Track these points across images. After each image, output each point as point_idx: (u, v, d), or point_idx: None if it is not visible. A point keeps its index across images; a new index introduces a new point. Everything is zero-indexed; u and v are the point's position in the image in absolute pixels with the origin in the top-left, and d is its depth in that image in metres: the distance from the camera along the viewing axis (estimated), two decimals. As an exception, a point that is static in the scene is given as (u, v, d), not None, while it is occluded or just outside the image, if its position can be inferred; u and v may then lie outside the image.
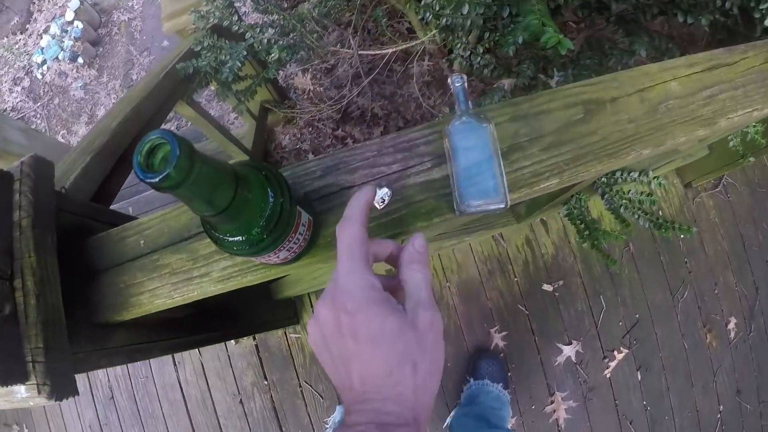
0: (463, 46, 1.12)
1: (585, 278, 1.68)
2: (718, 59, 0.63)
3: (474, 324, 1.68)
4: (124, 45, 3.31)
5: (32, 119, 3.22)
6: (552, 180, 0.49)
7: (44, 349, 0.50)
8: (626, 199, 1.17)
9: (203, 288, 0.52)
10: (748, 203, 1.80)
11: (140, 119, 1.07)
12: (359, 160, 0.52)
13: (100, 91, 3.19)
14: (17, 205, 0.56)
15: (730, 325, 1.72)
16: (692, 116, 0.57)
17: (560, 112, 0.51)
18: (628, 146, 0.51)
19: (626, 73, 0.56)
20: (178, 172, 0.30)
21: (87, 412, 1.83)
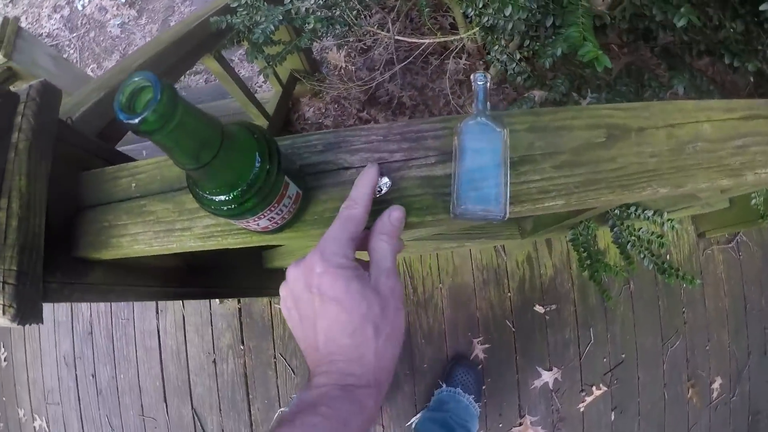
0: (501, 49, 1.09)
1: (579, 307, 1.65)
2: (757, 109, 0.60)
3: (458, 331, 1.66)
4: None
5: (65, 48, 3.22)
6: (558, 200, 0.47)
7: (17, 273, 0.49)
8: (635, 236, 1.15)
9: (183, 242, 0.51)
10: (758, 266, 1.75)
11: (163, 64, 1.06)
12: (363, 142, 0.50)
13: (136, 33, 3.17)
14: (18, 126, 0.55)
15: (715, 384, 1.69)
16: (719, 163, 0.54)
17: (582, 131, 0.48)
18: (646, 181, 0.49)
19: (659, 105, 0.53)
20: (157, 116, 0.29)
21: (64, 342, 1.85)
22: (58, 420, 1.85)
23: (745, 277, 1.74)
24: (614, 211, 1.17)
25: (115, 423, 1.80)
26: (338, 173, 0.50)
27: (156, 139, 0.31)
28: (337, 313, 0.40)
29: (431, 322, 1.67)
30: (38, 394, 1.88)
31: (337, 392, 0.39)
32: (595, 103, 0.94)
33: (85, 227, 0.57)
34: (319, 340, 0.42)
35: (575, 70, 1.09)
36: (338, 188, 0.50)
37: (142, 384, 1.78)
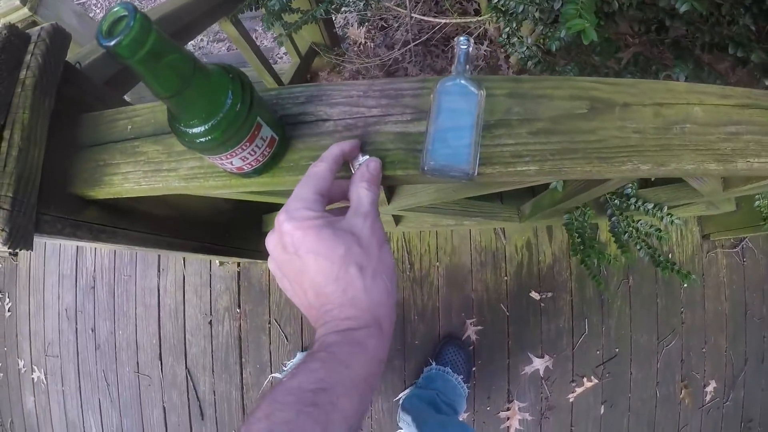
0: (513, 32, 1.09)
1: (575, 297, 1.65)
2: (756, 99, 0.60)
3: (452, 310, 1.67)
4: None
5: (92, 7, 3.24)
6: (531, 166, 0.47)
7: (12, 199, 0.51)
8: (633, 228, 1.15)
9: (168, 182, 0.53)
10: (761, 273, 1.73)
11: (178, 22, 1.07)
12: (343, 96, 0.51)
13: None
14: (26, 64, 0.57)
15: (709, 387, 1.68)
16: (707, 147, 0.54)
17: (563, 101, 0.48)
18: (626, 156, 0.49)
19: (648, 83, 0.53)
20: (129, 41, 0.31)
21: (67, 296, 1.90)
22: (56, 372, 1.90)
23: (748, 284, 1.72)
24: (614, 201, 1.17)
25: (110, 378, 1.84)
26: (317, 124, 0.51)
27: (131, 64, 0.33)
28: (316, 263, 0.41)
29: (425, 300, 1.68)
30: (38, 346, 1.93)
31: (334, 338, 0.39)
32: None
33: (81, 165, 0.59)
34: (309, 297, 0.42)
35: (586, 58, 1.09)
36: (315, 138, 0.51)
37: (140, 341, 1.82)
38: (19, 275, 1.97)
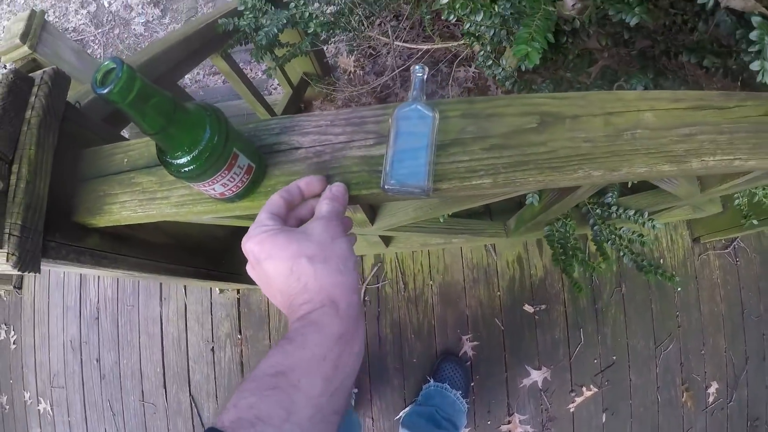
0: (487, 54, 1.15)
1: (569, 308, 1.68)
2: (709, 100, 0.63)
3: (448, 327, 1.70)
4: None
5: (90, 44, 3.32)
6: (485, 179, 0.52)
7: (21, 227, 0.56)
8: (616, 235, 1.19)
9: (161, 209, 0.58)
10: (756, 272, 1.76)
11: (171, 60, 1.14)
12: (313, 126, 0.56)
13: (159, 31, 3.27)
14: (31, 105, 0.63)
15: (711, 389, 1.69)
16: (660, 150, 0.58)
17: (514, 118, 0.53)
18: (577, 164, 0.54)
19: (597, 95, 0.58)
20: (119, 89, 0.37)
21: (71, 327, 1.93)
22: (62, 403, 1.92)
23: (743, 283, 1.75)
24: (596, 210, 1.21)
25: (116, 408, 1.86)
26: (290, 152, 0.56)
27: (122, 107, 0.39)
28: (274, 267, 0.45)
29: (421, 318, 1.71)
30: (44, 378, 1.95)
31: (295, 325, 0.43)
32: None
33: (83, 195, 0.64)
34: (280, 300, 0.47)
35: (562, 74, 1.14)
36: (289, 165, 0.56)
37: (144, 370, 1.84)
38: (23, 308, 2.01)
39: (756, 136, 0.64)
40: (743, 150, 0.62)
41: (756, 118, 0.65)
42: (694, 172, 0.66)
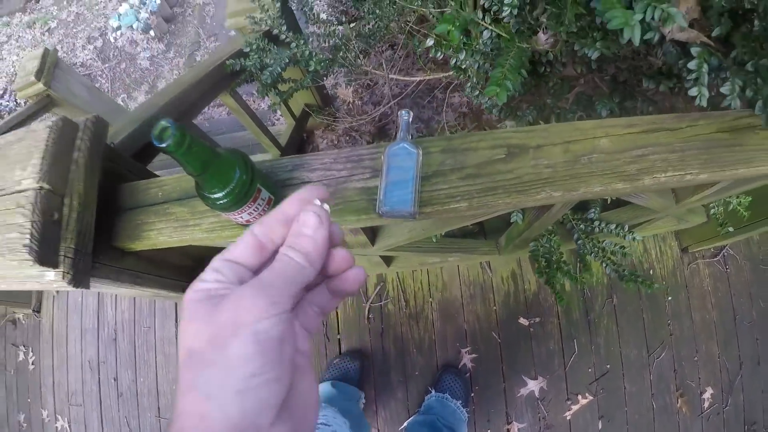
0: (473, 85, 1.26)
1: (562, 320, 1.77)
2: (661, 123, 0.72)
3: (447, 341, 1.79)
4: (194, 27, 3.50)
5: (98, 78, 3.43)
6: (462, 203, 0.62)
7: (74, 250, 0.67)
8: (599, 248, 1.28)
9: (194, 234, 0.68)
10: (746, 278, 1.82)
11: (185, 102, 1.26)
12: (319, 164, 0.67)
13: (164, 65, 3.39)
14: (78, 147, 0.74)
15: (706, 394, 1.75)
16: (614, 170, 0.68)
17: (485, 150, 0.64)
18: (540, 187, 0.64)
19: (557, 126, 0.69)
20: (174, 144, 0.49)
21: (89, 348, 2.03)
22: (80, 421, 2.00)
23: (734, 290, 1.81)
24: (579, 226, 1.31)
25: (133, 424, 1.94)
26: (300, 186, 0.67)
27: (175, 157, 0.50)
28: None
29: (422, 333, 1.80)
30: (62, 396, 2.03)
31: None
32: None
33: (123, 224, 0.74)
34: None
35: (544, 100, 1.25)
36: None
37: (160, 387, 1.93)
38: (42, 331, 2.10)
39: (707, 152, 0.73)
40: (694, 165, 0.71)
41: (707, 135, 0.74)
42: (647, 188, 0.75)
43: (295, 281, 0.35)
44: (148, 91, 3.33)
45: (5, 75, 3.67)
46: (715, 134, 0.75)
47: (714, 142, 0.74)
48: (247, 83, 1.45)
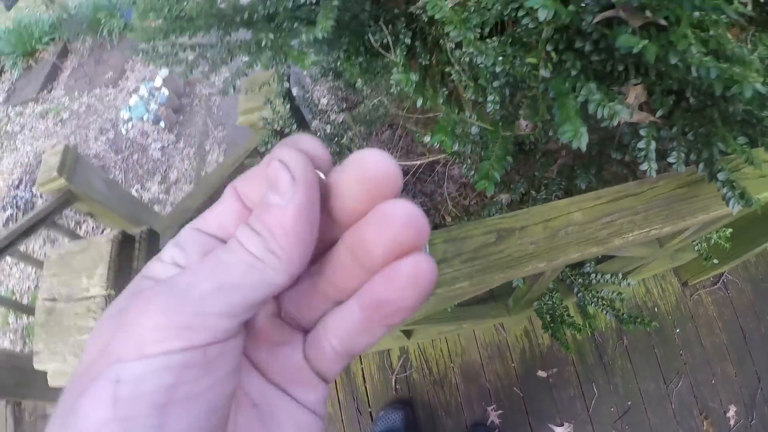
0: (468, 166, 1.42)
1: (578, 367, 1.86)
2: (625, 191, 0.86)
3: (473, 402, 1.87)
4: (202, 117, 3.59)
5: (111, 169, 3.45)
6: (464, 282, 0.76)
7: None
8: (598, 297, 1.40)
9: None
10: (749, 298, 1.92)
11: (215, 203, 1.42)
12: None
13: (175, 156, 3.44)
14: (137, 256, 0.88)
15: (730, 413, 1.79)
16: (587, 238, 0.82)
17: (479, 237, 0.79)
18: (527, 261, 0.78)
19: (537, 208, 0.83)
20: None
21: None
22: None
23: (738, 311, 1.91)
24: (578, 280, 1.44)
25: None
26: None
27: None
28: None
29: (448, 397, 1.89)
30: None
31: None
32: (544, 198, 1.25)
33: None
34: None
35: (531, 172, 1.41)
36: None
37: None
38: None
39: (668, 208, 0.87)
40: (657, 221, 0.84)
41: (667, 193, 0.87)
42: (618, 248, 0.88)
43: (242, 287, 0.20)
44: (161, 180, 3.37)
45: (20, 165, 3.63)
46: (674, 191, 0.88)
47: (673, 198, 0.87)
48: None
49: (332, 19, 0.78)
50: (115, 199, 1.73)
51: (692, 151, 0.83)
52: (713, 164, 0.80)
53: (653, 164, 0.79)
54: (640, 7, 0.57)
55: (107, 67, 4.01)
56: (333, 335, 0.24)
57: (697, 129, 0.82)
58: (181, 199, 2.59)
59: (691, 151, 0.83)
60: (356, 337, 0.24)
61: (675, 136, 0.84)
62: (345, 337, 0.24)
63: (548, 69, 0.75)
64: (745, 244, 1.61)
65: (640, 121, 0.81)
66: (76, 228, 3.07)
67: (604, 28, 0.65)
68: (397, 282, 0.21)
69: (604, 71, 0.77)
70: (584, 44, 0.71)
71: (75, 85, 4.02)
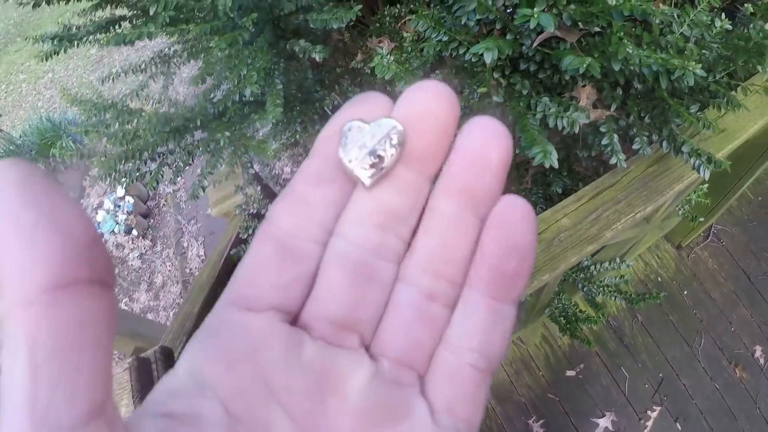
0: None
1: (603, 356, 1.86)
2: (602, 185, 0.87)
3: (513, 420, 1.85)
4: (172, 215, 3.53)
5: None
6: None
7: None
8: (603, 286, 1.41)
9: None
10: (742, 240, 1.96)
11: (212, 302, 1.40)
12: None
13: (155, 260, 3.37)
14: (156, 378, 0.86)
15: (757, 353, 1.82)
16: (580, 239, 0.82)
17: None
18: (532, 276, 0.79)
19: (526, 226, 0.85)
20: None
21: None
22: None
23: (736, 257, 1.95)
24: (579, 276, 1.45)
25: None
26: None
27: None
28: None
29: (489, 422, 1.85)
30: None
31: None
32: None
33: None
34: None
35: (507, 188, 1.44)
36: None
37: None
38: None
39: (645, 188, 0.88)
40: (639, 204, 0.86)
41: (641, 175, 0.89)
42: (611, 239, 0.90)
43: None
44: (147, 288, 3.30)
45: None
46: (646, 170, 0.90)
47: (648, 177, 0.90)
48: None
49: (280, 104, 0.79)
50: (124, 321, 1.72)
51: (653, 132, 0.87)
52: (675, 140, 0.82)
53: (621, 155, 0.82)
54: (573, 24, 0.60)
55: (66, 188, 3.92)
56: (467, 347, 0.20)
57: (651, 111, 0.86)
58: (180, 305, 2.53)
59: (651, 133, 0.87)
60: (490, 333, 0.20)
61: (633, 123, 0.87)
62: (483, 340, 0.20)
63: (500, 95, 0.78)
64: (722, 193, 1.65)
65: (598, 118, 0.84)
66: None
67: (544, 48, 0.68)
68: (509, 225, 0.20)
69: (553, 82, 0.80)
70: (528, 65, 0.73)
71: (37, 214, 3.93)
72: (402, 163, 0.19)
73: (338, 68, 1.12)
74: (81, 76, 4.59)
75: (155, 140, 0.74)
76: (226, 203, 1.62)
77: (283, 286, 0.20)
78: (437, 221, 0.20)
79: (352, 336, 0.20)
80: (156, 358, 0.89)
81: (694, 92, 0.86)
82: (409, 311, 0.20)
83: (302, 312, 0.20)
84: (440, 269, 0.20)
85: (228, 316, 0.20)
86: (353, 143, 0.19)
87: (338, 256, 0.20)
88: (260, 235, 0.20)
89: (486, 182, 0.19)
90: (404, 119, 0.19)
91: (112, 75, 1.10)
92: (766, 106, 0.92)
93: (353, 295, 0.20)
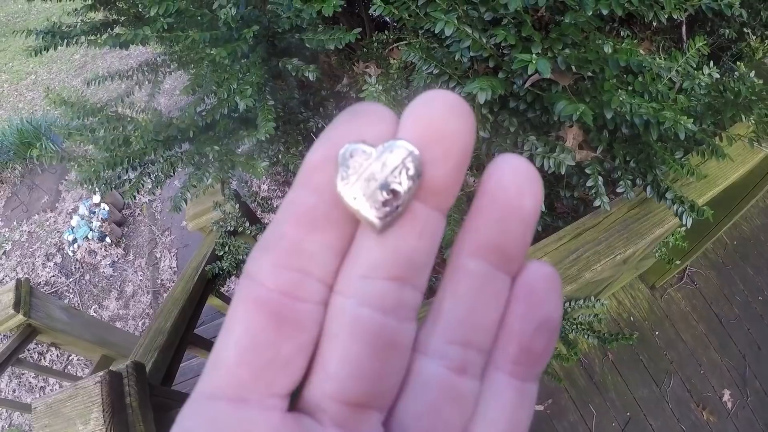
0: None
1: (572, 392, 1.86)
2: (583, 225, 0.88)
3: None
4: (147, 225, 3.51)
5: (65, 294, 3.30)
6: None
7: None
8: (576, 324, 1.42)
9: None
10: (716, 284, 1.98)
11: (185, 318, 1.37)
12: None
13: (127, 269, 3.34)
14: (128, 393, 0.83)
15: (725, 397, 1.83)
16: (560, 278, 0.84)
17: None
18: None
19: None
20: None
21: None
22: None
23: (709, 299, 1.96)
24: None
25: None
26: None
27: None
28: None
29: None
30: None
31: None
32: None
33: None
34: None
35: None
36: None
37: None
38: None
39: (626, 230, 0.89)
40: (619, 246, 0.87)
41: (622, 217, 0.90)
42: (590, 280, 0.90)
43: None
44: (117, 297, 3.27)
45: (-33, 307, 3.45)
46: (628, 213, 0.91)
47: (629, 220, 0.91)
48: (229, 278, 1.58)
49: (272, 119, 0.79)
50: (77, 325, 1.67)
51: (637, 177, 0.88)
52: (659, 185, 0.84)
53: (605, 198, 0.82)
54: (567, 69, 0.61)
55: (41, 192, 3.87)
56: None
57: (637, 156, 0.87)
58: (151, 319, 2.46)
59: (636, 177, 0.88)
60: (517, 419, 0.19)
61: (618, 166, 0.88)
62: (508, 429, 0.19)
63: (487, 130, 0.78)
64: (700, 236, 1.68)
65: (583, 159, 0.85)
66: (39, 359, 2.94)
67: (535, 89, 0.69)
68: (538, 298, 0.18)
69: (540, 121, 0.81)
70: (518, 104, 0.74)
71: (12, 215, 3.84)
72: (417, 197, 0.16)
73: (323, 90, 1.13)
74: (64, 80, 4.54)
75: (145, 148, 0.73)
76: (203, 218, 1.60)
77: (283, 364, 0.16)
78: (465, 283, 0.17)
79: (369, 415, 0.17)
80: (128, 373, 0.86)
81: (679, 138, 0.88)
82: (436, 392, 0.18)
83: (307, 391, 0.17)
84: (470, 338, 0.18)
85: (216, 414, 0.16)
86: (357, 174, 0.15)
87: (350, 321, 0.16)
88: (244, 300, 0.16)
89: (519, 235, 0.17)
90: (416, 141, 0.15)
91: (98, 78, 1.09)
92: (748, 154, 0.94)
93: (373, 368, 0.16)
